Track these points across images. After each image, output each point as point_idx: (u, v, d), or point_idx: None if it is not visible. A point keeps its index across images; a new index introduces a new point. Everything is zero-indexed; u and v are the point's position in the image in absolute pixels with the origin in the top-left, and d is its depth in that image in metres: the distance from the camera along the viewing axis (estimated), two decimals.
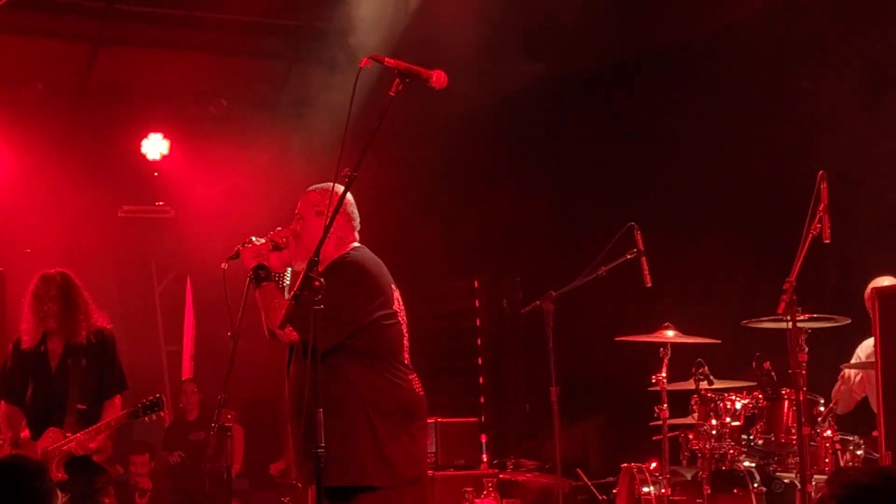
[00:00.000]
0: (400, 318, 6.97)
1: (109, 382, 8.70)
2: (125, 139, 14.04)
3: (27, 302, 8.75)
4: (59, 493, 4.82)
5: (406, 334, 7.00)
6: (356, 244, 7.10)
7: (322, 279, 6.10)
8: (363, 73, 6.27)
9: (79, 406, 8.54)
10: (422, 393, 6.96)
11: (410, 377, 6.92)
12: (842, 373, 9.43)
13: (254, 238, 6.99)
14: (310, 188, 7.19)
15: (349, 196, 6.85)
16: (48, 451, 8.44)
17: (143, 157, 14.12)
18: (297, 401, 6.66)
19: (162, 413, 8.67)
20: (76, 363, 8.61)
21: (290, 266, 7.11)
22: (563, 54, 12.12)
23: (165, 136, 14.11)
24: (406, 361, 6.95)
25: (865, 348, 9.37)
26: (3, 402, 8.84)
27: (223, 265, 6.90)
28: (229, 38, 13.61)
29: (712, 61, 11.74)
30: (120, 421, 8.56)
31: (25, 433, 8.62)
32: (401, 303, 7.02)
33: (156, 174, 14.36)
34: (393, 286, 7.01)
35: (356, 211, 7.17)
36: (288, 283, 7.11)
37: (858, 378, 9.39)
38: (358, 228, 7.17)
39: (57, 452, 8.43)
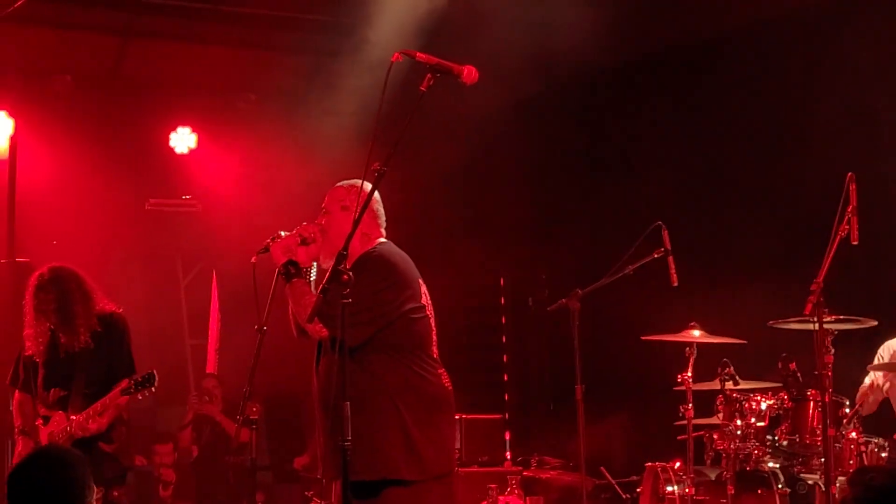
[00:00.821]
0: (428, 312, 6.98)
1: (117, 367, 8.65)
2: (153, 132, 14.06)
3: (30, 313, 8.75)
4: (95, 488, 4.83)
5: (434, 328, 7.01)
6: (382, 240, 7.11)
7: (351, 273, 6.11)
8: (393, 68, 6.28)
9: (85, 391, 8.54)
10: (450, 387, 6.96)
11: (439, 371, 6.93)
12: (872, 379, 9.39)
13: (282, 233, 7.02)
14: (337, 184, 7.21)
15: (375, 193, 6.86)
16: (53, 434, 8.48)
17: (171, 150, 14.15)
18: (326, 395, 6.68)
19: (153, 389, 8.53)
20: (84, 348, 8.62)
21: (316, 261, 7.12)
22: (591, 51, 12.08)
23: (193, 130, 14.15)
24: (434, 355, 6.96)
25: (888, 348, 9.35)
26: (16, 391, 8.88)
27: (252, 259, 6.93)
28: (258, 32, 13.62)
29: (744, 58, 11.71)
30: (115, 399, 8.44)
31: (40, 420, 8.65)
32: (428, 297, 7.04)
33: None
34: (420, 280, 7.02)
35: (381, 208, 7.19)
36: (314, 278, 7.12)
37: (887, 386, 9.34)
38: (384, 225, 7.18)
39: (60, 435, 8.44)
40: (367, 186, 6.59)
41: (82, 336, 8.62)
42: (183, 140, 14.14)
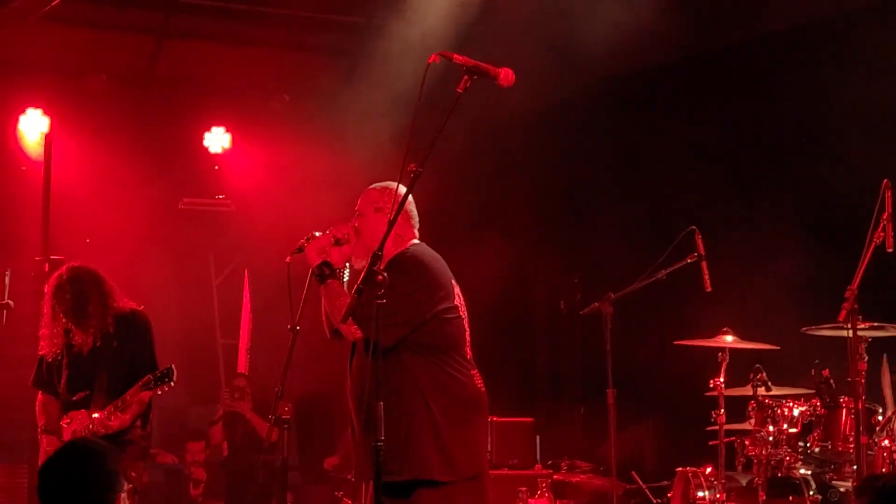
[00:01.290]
0: (461, 313, 6.97)
1: (139, 364, 8.62)
2: (187, 132, 14.10)
3: (48, 313, 8.75)
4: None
5: (468, 329, 7.00)
6: (415, 241, 7.11)
7: (385, 273, 6.11)
8: (429, 70, 6.28)
9: (108, 389, 8.52)
10: (483, 389, 6.95)
11: (472, 372, 6.92)
12: None
13: (316, 233, 7.02)
14: (369, 186, 7.21)
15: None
16: (76, 433, 8.47)
17: (205, 150, 14.19)
18: (359, 396, 6.69)
19: (172, 383, 8.47)
20: (107, 346, 8.62)
21: (349, 262, 7.13)
22: (625, 54, 12.05)
23: (227, 130, 14.18)
24: (468, 356, 6.95)
25: None
26: (39, 391, 8.88)
27: (287, 259, 6.94)
28: (293, 33, 13.65)
29: (781, 63, 11.66)
30: (135, 394, 8.44)
31: (67, 419, 8.65)
32: (461, 298, 7.03)
33: (216, 167, 14.42)
34: (453, 281, 7.01)
35: (415, 209, 7.18)
36: (347, 279, 7.13)
37: None
38: (417, 226, 7.18)
39: (83, 433, 8.43)
40: (402, 188, 6.60)
41: (91, 337, 8.62)
42: (217, 140, 14.18)
